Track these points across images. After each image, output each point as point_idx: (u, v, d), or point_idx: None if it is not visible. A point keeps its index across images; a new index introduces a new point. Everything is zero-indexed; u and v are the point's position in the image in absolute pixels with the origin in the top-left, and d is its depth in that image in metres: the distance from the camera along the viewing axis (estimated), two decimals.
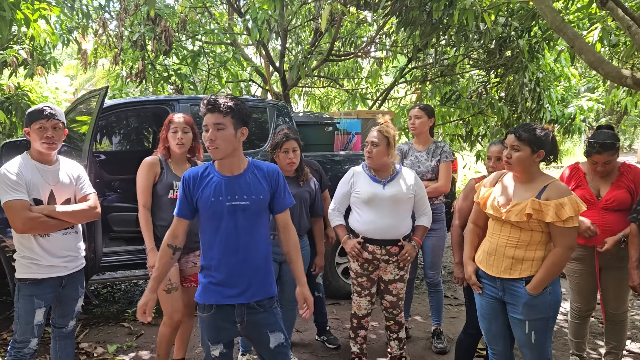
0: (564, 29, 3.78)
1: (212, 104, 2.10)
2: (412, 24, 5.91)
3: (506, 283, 2.47)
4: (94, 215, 2.73)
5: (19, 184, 2.46)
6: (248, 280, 2.18)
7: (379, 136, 3.09)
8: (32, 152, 2.59)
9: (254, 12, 5.81)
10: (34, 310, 2.55)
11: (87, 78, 19.03)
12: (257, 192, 2.20)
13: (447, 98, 7.47)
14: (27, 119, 2.56)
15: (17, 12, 4.21)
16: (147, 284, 5.37)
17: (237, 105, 2.13)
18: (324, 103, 11.47)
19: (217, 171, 2.20)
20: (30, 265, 2.53)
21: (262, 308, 2.22)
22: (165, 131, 3.01)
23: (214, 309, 2.18)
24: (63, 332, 2.76)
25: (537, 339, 2.43)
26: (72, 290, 2.70)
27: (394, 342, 3.32)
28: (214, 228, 2.17)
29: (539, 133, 2.41)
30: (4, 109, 6.44)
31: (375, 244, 3.11)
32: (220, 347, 2.22)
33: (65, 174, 2.66)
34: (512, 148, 2.44)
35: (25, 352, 2.57)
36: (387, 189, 3.10)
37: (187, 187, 2.19)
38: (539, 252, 2.42)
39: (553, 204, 2.32)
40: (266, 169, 2.27)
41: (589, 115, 7.81)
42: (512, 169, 2.47)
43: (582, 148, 20.34)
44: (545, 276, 2.38)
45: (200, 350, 3.70)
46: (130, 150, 6.25)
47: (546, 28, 6.23)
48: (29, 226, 2.47)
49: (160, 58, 6.85)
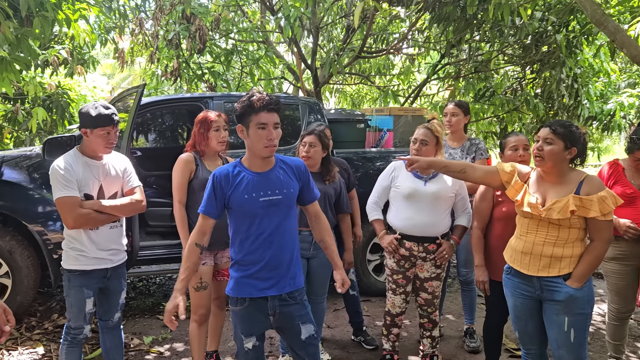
0: (605, 23, 3.67)
1: (276, 104, 2.13)
2: (445, 20, 5.84)
3: (544, 281, 2.42)
4: (140, 208, 2.81)
5: (70, 180, 2.53)
6: (280, 273, 2.22)
7: (429, 134, 3.06)
8: (84, 149, 2.66)
9: (287, 10, 5.84)
10: (85, 300, 2.65)
11: (123, 77, 19.46)
12: (288, 187, 2.23)
13: (481, 95, 7.35)
14: (89, 121, 2.56)
15: (59, 12, 4.34)
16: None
17: (280, 103, 2.18)
18: (356, 100, 11.43)
19: (248, 168, 2.22)
20: (78, 257, 2.62)
21: (293, 300, 2.26)
22: (202, 129, 3.05)
23: (247, 302, 2.21)
24: (109, 325, 2.84)
25: (576, 337, 2.38)
26: (116, 282, 2.78)
27: (426, 339, 3.30)
28: (248, 224, 2.20)
29: (574, 130, 2.35)
30: (46, 107, 6.67)
31: (413, 240, 3.09)
32: (253, 340, 2.25)
33: (113, 168, 2.74)
34: (544, 141, 2.37)
35: (80, 337, 2.71)
36: (428, 185, 3.07)
37: (217, 186, 2.19)
38: (577, 249, 2.37)
39: (596, 198, 2.27)
40: (292, 163, 2.31)
41: (630, 112, 7.57)
42: (541, 164, 2.40)
43: (621, 146, 19.72)
44: (588, 270, 2.35)
45: (233, 343, 3.76)
46: (166, 147, 6.37)
47: (585, 22, 6.06)
48: (80, 222, 2.55)
49: (195, 56, 6.95)
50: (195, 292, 2.98)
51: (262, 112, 2.11)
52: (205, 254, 2.97)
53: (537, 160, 2.41)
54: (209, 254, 3.01)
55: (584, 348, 2.42)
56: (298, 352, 2.30)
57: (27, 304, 4.01)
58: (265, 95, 2.13)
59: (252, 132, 2.14)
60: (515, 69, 7.90)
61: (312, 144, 3.22)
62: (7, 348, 3.62)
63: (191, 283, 2.96)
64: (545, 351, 2.63)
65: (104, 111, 2.59)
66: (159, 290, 5.20)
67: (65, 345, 2.70)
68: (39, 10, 4.05)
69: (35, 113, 6.02)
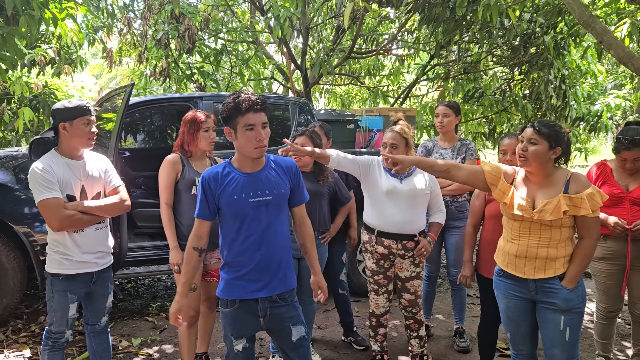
0: (592, 24, 3.70)
1: (262, 104, 2.11)
2: (434, 21, 5.86)
3: (539, 283, 2.41)
4: (125, 207, 2.76)
5: (51, 182, 2.46)
6: (271, 274, 2.20)
7: (397, 138, 3.08)
8: (62, 149, 2.59)
9: (276, 10, 5.83)
10: (68, 305, 2.59)
11: (111, 77, 19.31)
12: (278, 187, 2.22)
13: (470, 95, 7.39)
14: (68, 113, 2.51)
15: (46, 11, 4.29)
16: (170, 279, 5.46)
17: (267, 102, 2.17)
18: (345, 101, 11.45)
19: (237, 169, 2.21)
20: (62, 260, 2.55)
21: (284, 301, 2.24)
22: (191, 129, 3.02)
23: (237, 303, 2.20)
24: (96, 329, 2.78)
25: (571, 335, 2.39)
26: (103, 286, 2.72)
27: (414, 340, 3.31)
28: (237, 225, 2.18)
29: (558, 130, 2.36)
30: (32, 107, 6.59)
31: (391, 238, 3.10)
32: (243, 342, 2.23)
33: (94, 168, 2.68)
34: (528, 141, 2.36)
35: (61, 342, 2.64)
36: (404, 183, 3.09)
37: (207, 188, 2.18)
38: (568, 248, 2.39)
39: (585, 196, 2.28)
40: (284, 163, 2.30)
41: (616, 113, 7.65)
42: (526, 164, 2.40)
43: (608, 147, 19.94)
44: (580, 269, 2.37)
45: (222, 345, 3.74)
46: (154, 147, 6.33)
47: (572, 24, 6.12)
48: (66, 224, 2.49)
49: (184, 56, 6.91)
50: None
51: (248, 113, 2.09)
52: None
53: (522, 161, 2.40)
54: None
55: (577, 346, 2.43)
56: (289, 353, 2.29)
57: (14, 307, 3.95)
58: (251, 95, 2.11)
59: (240, 134, 2.12)
60: (504, 70, 7.96)
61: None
62: None
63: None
64: (535, 352, 2.64)
65: (80, 102, 2.56)
66: (148, 291, 5.16)
67: (47, 350, 2.63)
68: (25, 9, 3.99)
69: (22, 113, 5.95)
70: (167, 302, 4.77)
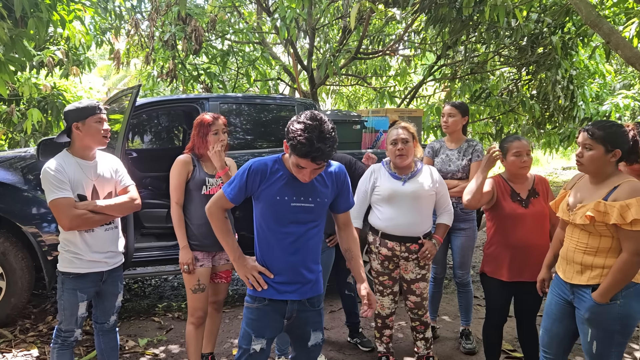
0: (600, 24, 3.68)
1: (323, 158, 2.00)
2: (441, 21, 5.85)
3: (575, 288, 2.36)
4: (135, 206, 2.77)
5: (63, 181, 2.49)
6: (304, 278, 2.18)
7: (406, 132, 3.09)
8: (75, 149, 2.61)
9: (283, 11, 5.85)
10: (78, 303, 2.61)
11: (119, 78, 19.43)
12: (322, 196, 2.18)
13: (477, 96, 7.37)
14: (80, 113, 2.54)
15: (54, 13, 4.32)
16: (176, 279, 5.48)
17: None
18: (352, 101, 11.46)
19: (287, 169, 2.16)
20: (73, 259, 2.57)
21: (311, 306, 2.23)
22: (201, 133, 3.03)
23: (267, 301, 2.18)
24: (105, 328, 2.80)
25: (598, 350, 2.29)
26: (113, 286, 2.74)
27: (420, 342, 3.30)
28: (275, 226, 2.15)
29: (615, 130, 2.23)
30: (41, 108, 6.65)
31: (395, 240, 3.09)
32: (263, 343, 2.18)
33: (105, 168, 2.70)
34: (583, 147, 2.27)
35: (71, 340, 2.67)
36: (407, 185, 3.08)
37: (252, 178, 2.13)
38: (609, 259, 2.24)
39: (618, 205, 2.14)
40: (334, 170, 2.25)
41: (625, 113, 7.60)
42: (583, 169, 2.33)
43: None
44: (612, 284, 2.20)
45: (228, 345, 3.75)
46: (161, 148, 6.36)
47: (580, 24, 6.08)
48: (76, 224, 2.51)
49: (191, 57, 6.95)
50: (193, 294, 2.97)
51: (305, 159, 1.98)
52: (203, 256, 2.97)
53: (579, 167, 2.34)
54: (206, 255, 2.99)
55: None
56: (299, 354, 2.30)
57: (22, 306, 3.98)
58: (316, 143, 1.94)
59: (292, 162, 2.04)
60: (511, 70, 7.93)
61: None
62: (1, 350, 3.60)
63: (189, 285, 2.95)
64: (565, 358, 2.56)
65: (91, 102, 2.60)
66: (154, 292, 5.18)
67: (57, 349, 2.66)
68: (33, 11, 4.03)
69: (30, 114, 6.01)
70: (173, 302, 4.79)
